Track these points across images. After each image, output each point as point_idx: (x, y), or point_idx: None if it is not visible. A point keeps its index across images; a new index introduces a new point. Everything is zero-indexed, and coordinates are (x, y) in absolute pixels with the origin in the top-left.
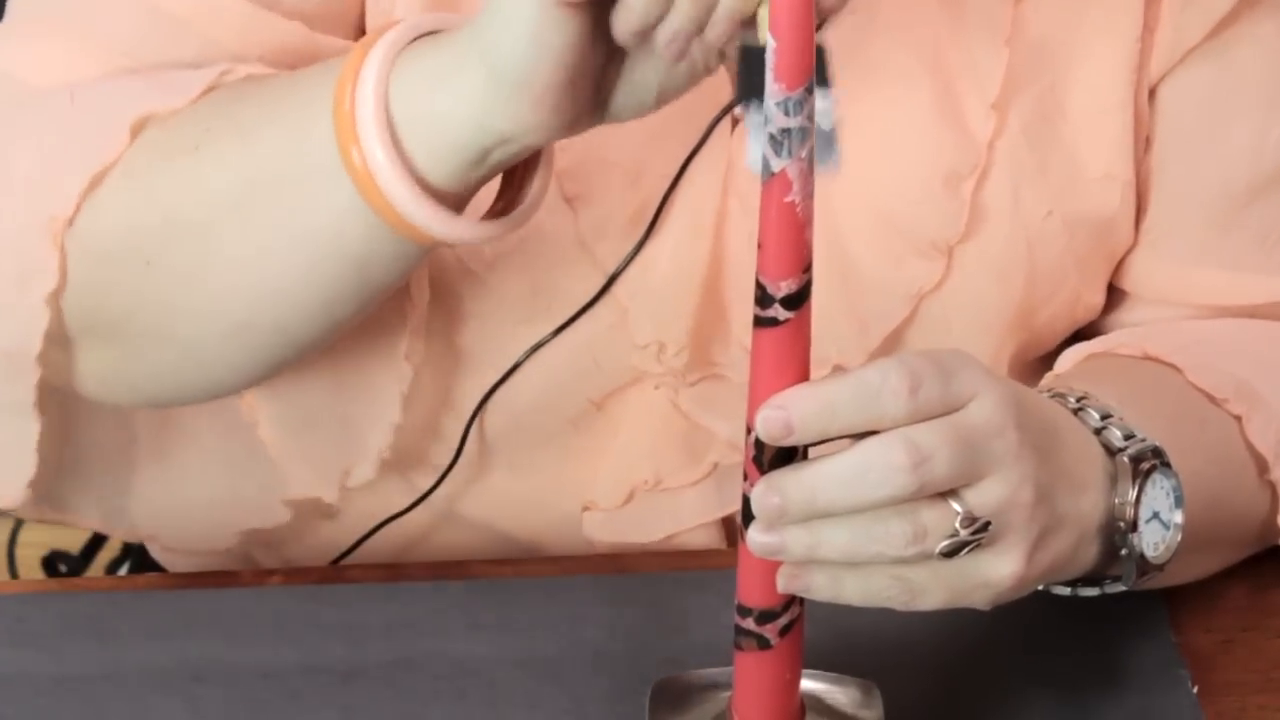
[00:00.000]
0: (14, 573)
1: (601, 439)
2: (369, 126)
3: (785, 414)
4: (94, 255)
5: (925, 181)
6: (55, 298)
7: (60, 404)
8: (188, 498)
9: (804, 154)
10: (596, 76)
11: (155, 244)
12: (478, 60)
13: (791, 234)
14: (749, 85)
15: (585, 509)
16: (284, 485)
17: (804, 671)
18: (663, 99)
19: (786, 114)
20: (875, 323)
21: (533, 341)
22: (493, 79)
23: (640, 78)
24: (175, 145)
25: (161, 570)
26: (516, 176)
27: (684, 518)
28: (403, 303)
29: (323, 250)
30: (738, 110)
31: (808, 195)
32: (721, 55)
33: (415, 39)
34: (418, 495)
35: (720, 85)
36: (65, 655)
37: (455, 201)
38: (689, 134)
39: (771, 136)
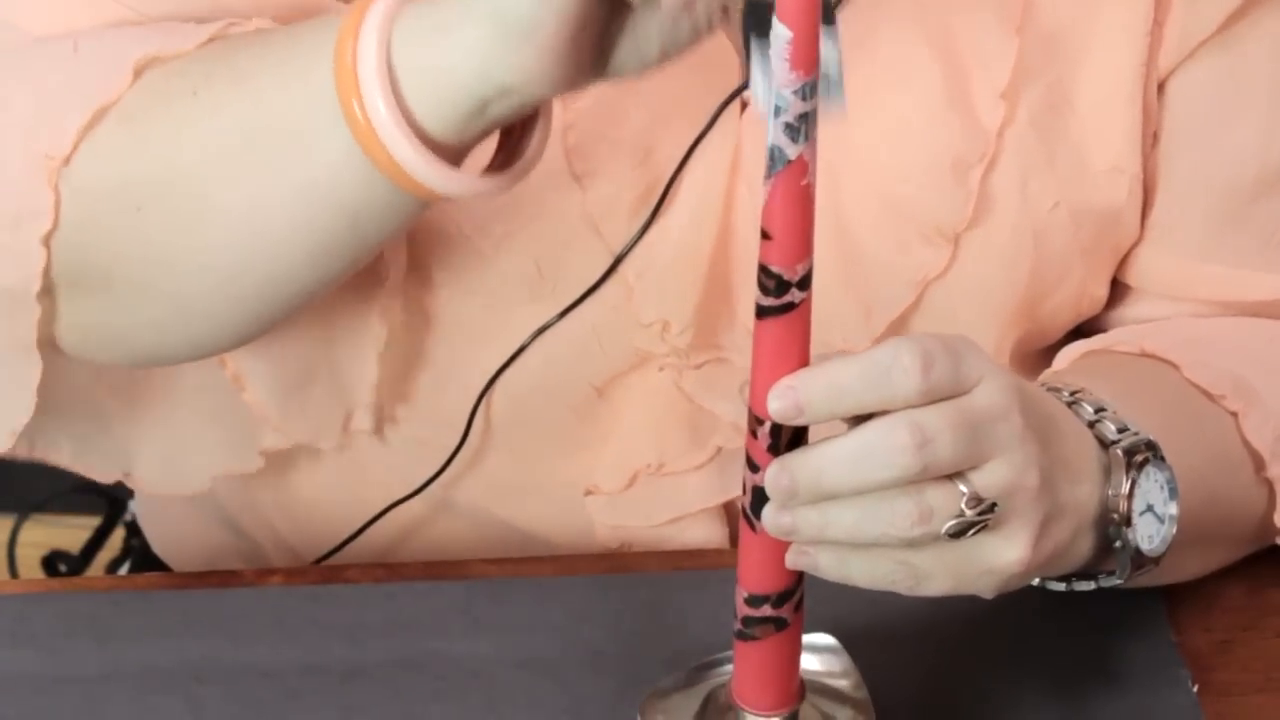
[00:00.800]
0: (14, 572)
1: (603, 425)
2: (370, 79)
3: (795, 393)
4: (86, 199)
5: (933, 168)
6: (50, 238)
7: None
8: (163, 440)
9: (815, 134)
10: (601, 29)
11: (147, 190)
12: (483, 11)
13: (807, 216)
14: (755, 25)
15: (588, 493)
16: (263, 434)
17: None
18: (665, 55)
19: (804, 99)
20: (880, 309)
21: (538, 321)
22: (498, 29)
23: (644, 31)
24: (174, 90)
25: (162, 569)
26: (514, 134)
27: (687, 502)
28: (376, 263)
29: (317, 201)
30: (746, 90)
31: (814, 174)
32: (724, 11)
33: None
34: (414, 479)
35: (730, 68)
36: (65, 655)
37: (453, 155)
38: (698, 116)
39: (788, 125)
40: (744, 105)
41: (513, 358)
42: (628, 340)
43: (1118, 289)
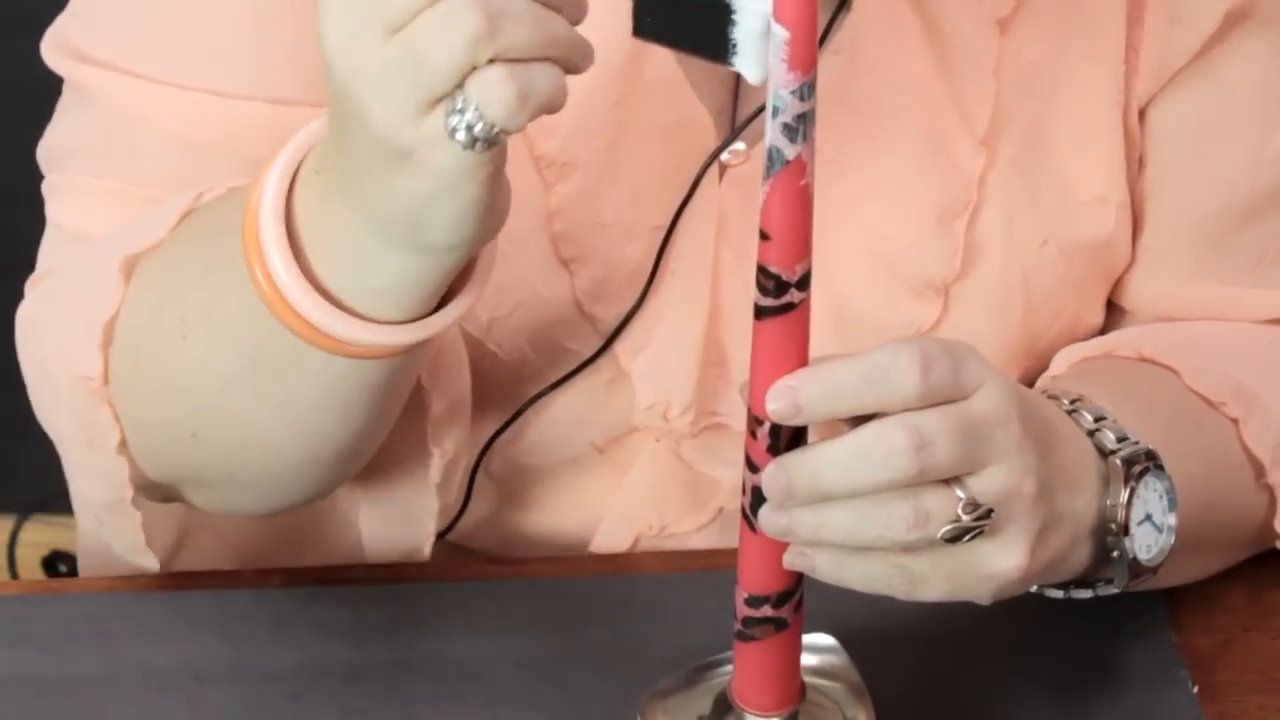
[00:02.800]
0: (14, 573)
1: (605, 483)
2: (307, 308)
3: (794, 393)
4: (142, 430)
5: (918, 222)
6: (124, 448)
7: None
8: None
9: (813, 134)
10: None
11: (191, 420)
12: (409, 243)
13: (805, 216)
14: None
15: (591, 554)
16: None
17: None
18: None
19: (802, 99)
20: None
21: (531, 394)
22: (431, 255)
23: None
24: (168, 333)
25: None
26: None
27: None
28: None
29: (340, 397)
30: (724, 153)
31: (813, 175)
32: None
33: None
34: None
35: (704, 135)
36: (65, 656)
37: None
38: (679, 185)
39: (786, 125)
40: (722, 170)
41: (503, 428)
42: (624, 415)
43: (1112, 311)
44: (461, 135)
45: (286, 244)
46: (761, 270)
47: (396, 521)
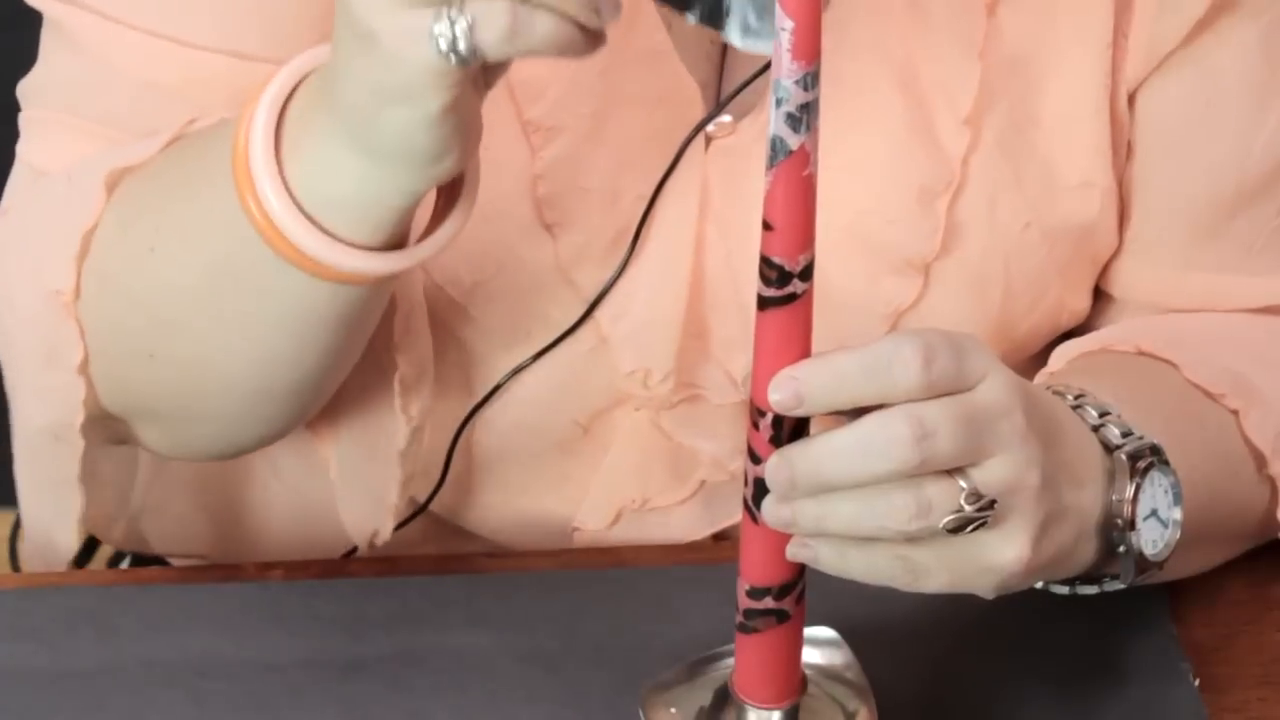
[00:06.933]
0: (15, 566)
1: (588, 460)
2: (286, 222)
3: (796, 384)
4: (101, 351)
5: (899, 199)
6: (85, 367)
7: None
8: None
9: (817, 124)
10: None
11: (149, 339)
12: (388, 151)
13: (808, 206)
14: None
15: (575, 529)
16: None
17: None
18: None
19: (806, 89)
20: (852, 342)
21: (513, 364)
22: (385, 165)
23: None
24: (136, 245)
25: (163, 564)
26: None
27: (673, 536)
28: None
29: (300, 321)
30: (710, 124)
31: (816, 165)
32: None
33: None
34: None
35: (691, 106)
36: (66, 649)
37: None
38: (664, 154)
39: (789, 115)
40: (708, 141)
41: (485, 399)
42: (606, 383)
43: (1101, 299)
44: (443, 43)
45: (272, 153)
46: (764, 261)
47: (363, 496)
